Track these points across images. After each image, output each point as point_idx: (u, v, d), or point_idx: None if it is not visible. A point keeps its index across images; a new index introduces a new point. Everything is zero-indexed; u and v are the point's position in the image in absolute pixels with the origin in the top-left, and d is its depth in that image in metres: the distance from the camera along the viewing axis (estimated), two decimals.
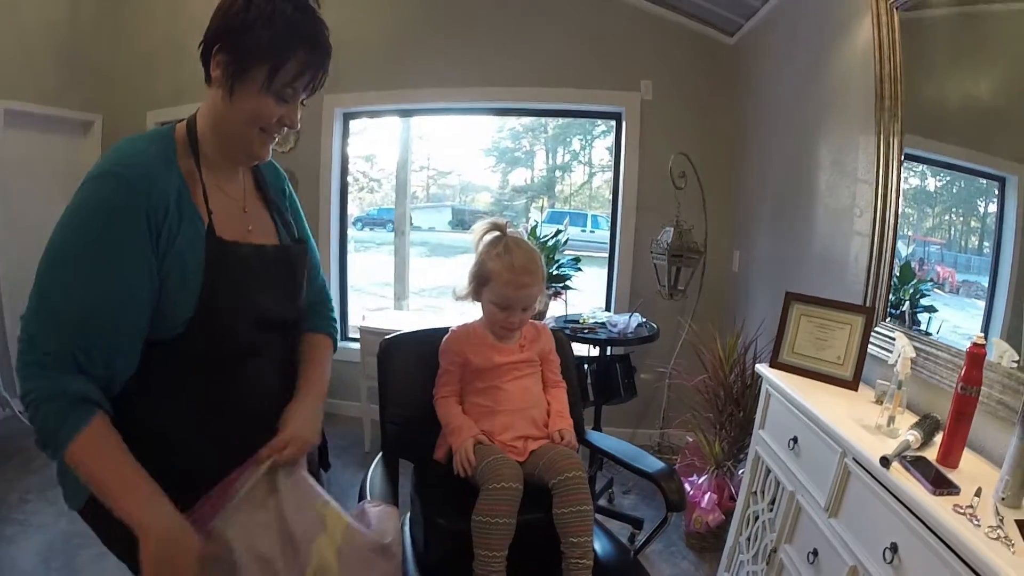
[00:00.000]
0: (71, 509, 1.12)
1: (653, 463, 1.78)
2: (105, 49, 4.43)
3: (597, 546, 1.68)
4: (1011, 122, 1.63)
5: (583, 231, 12.35)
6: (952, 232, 1.98)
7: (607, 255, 4.07)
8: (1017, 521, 1.12)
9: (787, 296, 2.14)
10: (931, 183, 2.06)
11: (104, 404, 1.01)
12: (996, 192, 1.77)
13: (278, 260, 1.26)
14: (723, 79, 3.57)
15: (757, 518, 2.10)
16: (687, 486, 2.72)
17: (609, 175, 4.13)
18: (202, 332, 1.08)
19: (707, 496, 2.67)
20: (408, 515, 1.86)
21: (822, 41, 2.48)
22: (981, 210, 1.86)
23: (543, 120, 12.99)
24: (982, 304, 1.72)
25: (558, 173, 15.63)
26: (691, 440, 2.91)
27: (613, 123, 3.97)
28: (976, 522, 1.12)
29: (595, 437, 2.02)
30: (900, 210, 1.96)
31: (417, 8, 3.81)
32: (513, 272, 1.69)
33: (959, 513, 1.15)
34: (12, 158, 3.89)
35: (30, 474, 3.22)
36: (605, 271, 4.10)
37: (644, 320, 3.10)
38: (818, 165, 2.51)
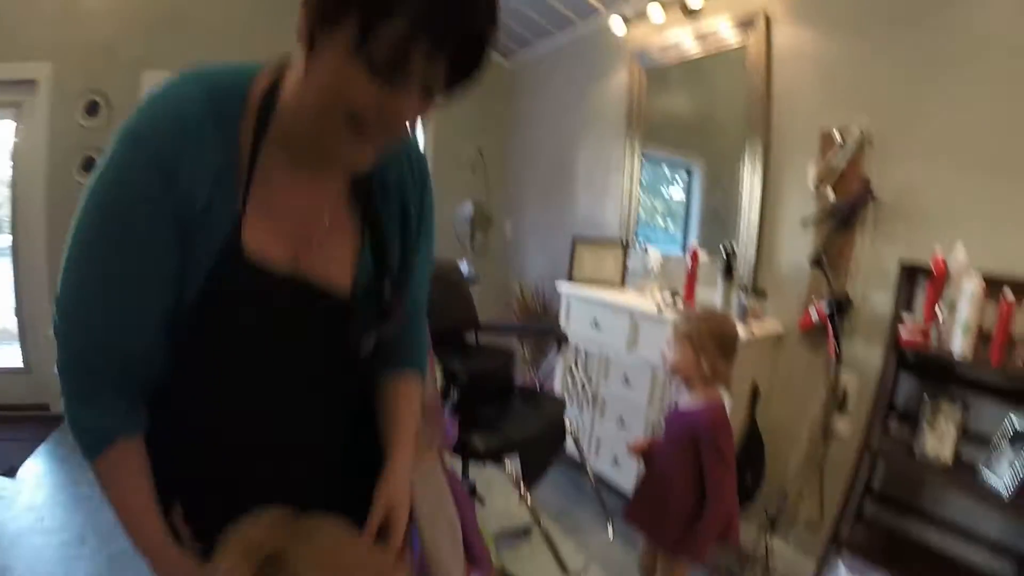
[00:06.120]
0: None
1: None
2: None
3: None
4: (696, 130, 3.19)
5: None
6: (664, 193, 3.53)
7: None
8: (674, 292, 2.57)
9: (574, 239, 3.47)
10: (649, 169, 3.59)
11: (130, 423, 0.85)
12: (686, 175, 3.35)
13: (326, 315, 0.92)
14: (502, 92, 4.57)
15: (583, 387, 3.30)
16: None
17: None
18: (189, 353, 0.85)
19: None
20: None
21: (589, 75, 3.84)
22: (680, 182, 3.44)
23: None
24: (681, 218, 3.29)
25: None
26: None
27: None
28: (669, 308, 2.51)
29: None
30: (639, 186, 3.44)
31: None
32: None
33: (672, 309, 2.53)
34: None
35: None
36: None
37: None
38: (579, 160, 3.90)
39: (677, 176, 3.49)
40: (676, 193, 3.50)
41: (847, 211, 2.44)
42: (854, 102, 2.46)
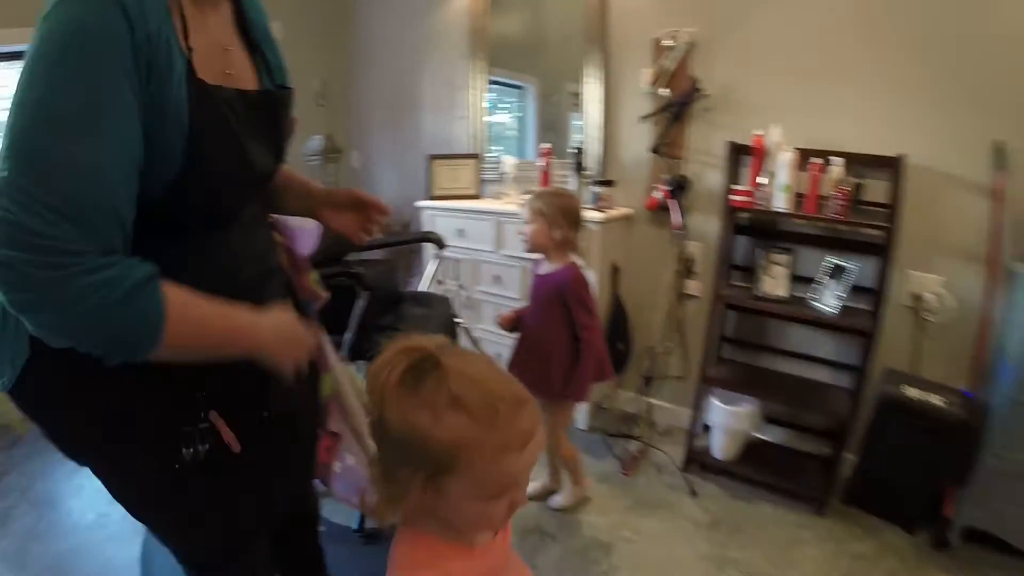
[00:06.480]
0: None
1: None
2: None
3: None
4: (536, 47, 3.45)
5: None
6: (502, 112, 3.79)
7: None
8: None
9: (430, 157, 3.63)
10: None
11: (149, 264, 0.83)
12: (518, 94, 3.62)
13: (263, 107, 1.07)
14: (341, 20, 4.33)
15: (457, 293, 3.50)
16: None
17: None
18: (184, 194, 0.89)
19: None
20: None
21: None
22: (511, 103, 3.71)
23: None
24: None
25: None
26: None
27: None
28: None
29: None
30: (485, 99, 3.66)
31: None
32: None
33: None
34: None
35: None
36: None
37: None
38: (424, 82, 3.99)
39: (510, 97, 3.77)
40: (509, 114, 3.80)
41: (679, 105, 2.86)
42: (681, 12, 2.86)
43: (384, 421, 0.80)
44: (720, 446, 2.72)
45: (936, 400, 2.25)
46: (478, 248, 3.31)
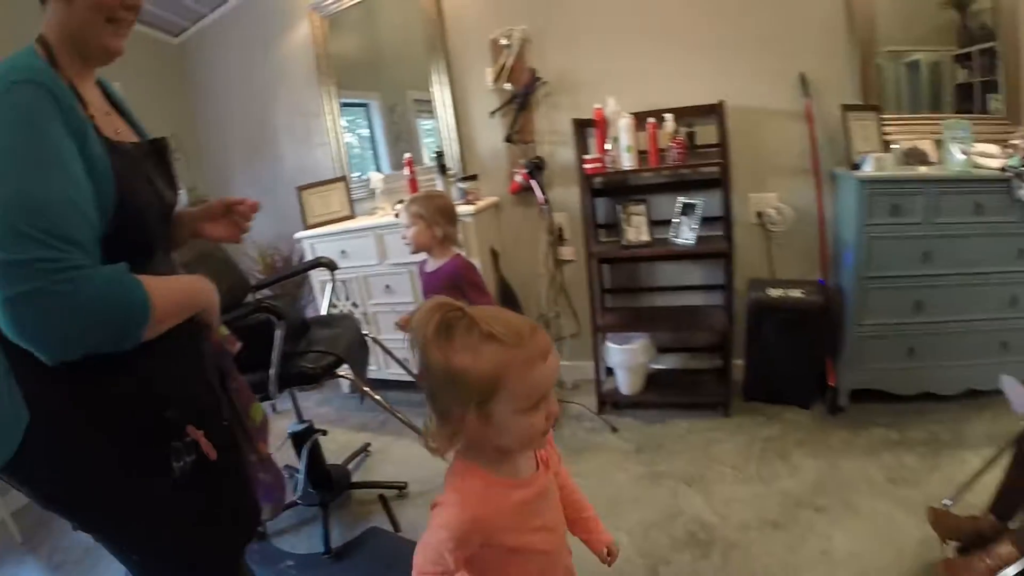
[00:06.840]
0: None
1: None
2: None
3: None
4: (381, 65, 3.65)
5: None
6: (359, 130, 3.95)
7: None
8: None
9: (298, 188, 3.71)
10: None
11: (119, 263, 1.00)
12: (365, 112, 3.81)
13: (153, 154, 1.25)
14: (172, 71, 4.33)
15: (352, 311, 3.60)
16: None
17: None
18: (123, 228, 1.03)
19: None
20: None
21: (269, 35, 3.92)
22: (363, 121, 3.89)
23: None
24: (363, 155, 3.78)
25: None
26: None
27: None
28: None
29: None
30: (342, 123, 3.81)
31: None
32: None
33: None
34: None
35: None
36: None
37: None
38: (278, 117, 4.07)
39: (352, 115, 3.94)
40: (352, 132, 3.97)
41: (523, 96, 3.17)
42: (510, 12, 3.16)
43: (430, 370, 0.96)
44: (625, 383, 3.03)
45: (797, 293, 2.68)
46: (363, 264, 3.44)
